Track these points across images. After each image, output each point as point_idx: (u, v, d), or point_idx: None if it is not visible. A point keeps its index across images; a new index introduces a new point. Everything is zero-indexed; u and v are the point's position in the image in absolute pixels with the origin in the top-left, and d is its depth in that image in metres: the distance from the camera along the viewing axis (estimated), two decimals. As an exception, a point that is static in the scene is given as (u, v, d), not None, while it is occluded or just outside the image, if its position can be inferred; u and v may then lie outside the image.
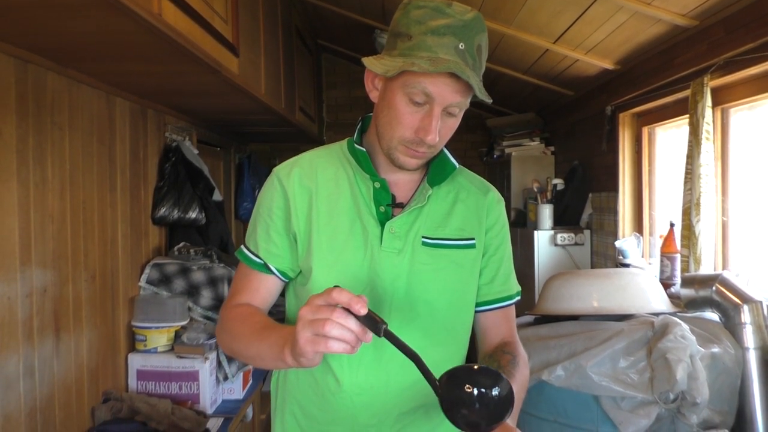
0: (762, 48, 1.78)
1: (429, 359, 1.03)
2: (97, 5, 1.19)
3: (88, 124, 1.96)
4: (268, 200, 1.15)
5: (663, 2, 2.00)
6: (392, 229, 1.09)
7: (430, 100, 1.00)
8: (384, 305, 1.08)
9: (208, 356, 2.22)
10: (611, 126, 3.01)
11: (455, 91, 1.00)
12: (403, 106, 1.02)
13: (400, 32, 1.02)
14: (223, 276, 2.40)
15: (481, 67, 1.04)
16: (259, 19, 2.45)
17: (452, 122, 1.05)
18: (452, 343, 1.15)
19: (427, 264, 1.10)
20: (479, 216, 1.17)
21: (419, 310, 1.09)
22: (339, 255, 1.09)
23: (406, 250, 1.09)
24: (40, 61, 1.65)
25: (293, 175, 1.14)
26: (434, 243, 1.10)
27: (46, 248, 1.72)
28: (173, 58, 1.65)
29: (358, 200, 1.12)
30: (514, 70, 3.41)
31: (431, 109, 1.01)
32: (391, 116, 1.04)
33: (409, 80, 1.00)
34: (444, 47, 0.98)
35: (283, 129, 3.59)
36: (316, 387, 1.12)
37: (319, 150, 1.20)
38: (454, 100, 1.00)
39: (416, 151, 1.05)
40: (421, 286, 1.09)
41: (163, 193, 2.49)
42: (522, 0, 2.38)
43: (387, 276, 1.09)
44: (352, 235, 1.10)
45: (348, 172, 1.14)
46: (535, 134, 4.14)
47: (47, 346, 1.73)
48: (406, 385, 1.08)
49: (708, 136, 2.06)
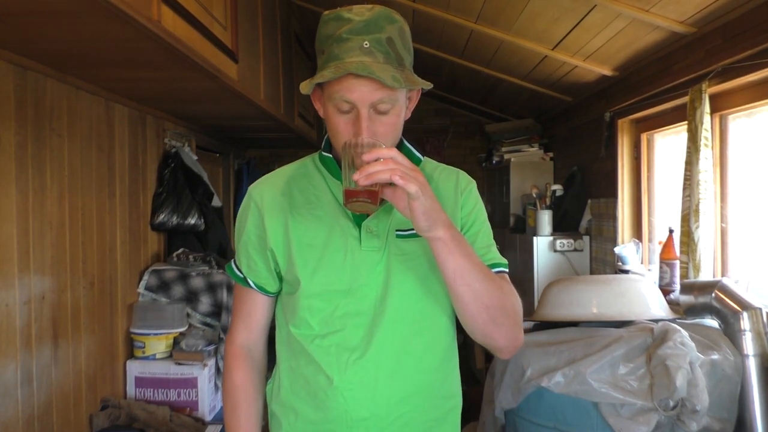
0: (760, 55, 1.79)
1: (413, 349, 1.12)
2: (96, 12, 1.19)
3: (87, 131, 1.96)
4: (243, 219, 1.22)
5: (661, 9, 2.00)
6: (369, 228, 1.12)
7: (353, 105, 1.04)
8: (366, 302, 1.12)
9: (206, 363, 2.21)
10: (610, 132, 3.02)
11: (372, 89, 1.02)
12: (335, 117, 1.07)
13: (318, 50, 1.10)
14: (222, 282, 2.39)
15: (399, 57, 1.06)
16: (258, 25, 2.45)
17: (388, 120, 1.07)
18: (434, 331, 1.16)
19: (403, 255, 1.13)
20: (451, 199, 1.18)
21: (399, 301, 1.12)
22: (320, 261, 1.13)
23: (385, 247, 1.13)
24: (40, 67, 1.66)
25: (266, 193, 1.20)
26: (407, 234, 1.13)
27: (44, 255, 1.72)
28: (172, 64, 1.65)
29: (333, 206, 1.15)
30: (512, 76, 3.42)
31: (357, 112, 1.04)
32: (331, 128, 1.10)
33: (330, 92, 1.06)
34: (348, 51, 1.02)
35: (282, 134, 3.59)
36: (308, 388, 1.15)
37: (291, 164, 1.26)
38: (374, 98, 1.03)
39: None
40: (399, 277, 1.12)
41: (162, 199, 2.48)
42: (521, 7, 2.39)
43: (368, 274, 1.12)
44: (331, 239, 1.13)
45: (321, 180, 1.19)
46: (534, 140, 4.14)
47: (45, 353, 1.72)
48: (394, 375, 1.11)
49: (706, 143, 2.06)
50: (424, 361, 1.14)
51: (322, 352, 1.12)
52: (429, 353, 1.14)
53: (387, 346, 1.11)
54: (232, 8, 1.99)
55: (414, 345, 1.12)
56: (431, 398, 1.16)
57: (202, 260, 2.48)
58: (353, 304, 1.12)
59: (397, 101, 1.07)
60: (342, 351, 1.11)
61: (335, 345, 1.12)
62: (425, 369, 1.14)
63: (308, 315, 1.14)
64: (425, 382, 1.14)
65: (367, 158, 0.95)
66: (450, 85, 4.34)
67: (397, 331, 1.11)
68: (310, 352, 1.13)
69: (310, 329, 1.14)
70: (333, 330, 1.12)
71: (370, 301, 1.12)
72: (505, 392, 1.93)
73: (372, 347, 1.10)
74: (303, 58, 3.68)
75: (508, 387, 1.92)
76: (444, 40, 3.20)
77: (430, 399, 1.16)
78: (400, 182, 0.93)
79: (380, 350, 1.10)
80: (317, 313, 1.13)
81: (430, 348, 1.15)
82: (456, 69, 3.70)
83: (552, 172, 4.05)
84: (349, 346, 1.11)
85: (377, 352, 1.11)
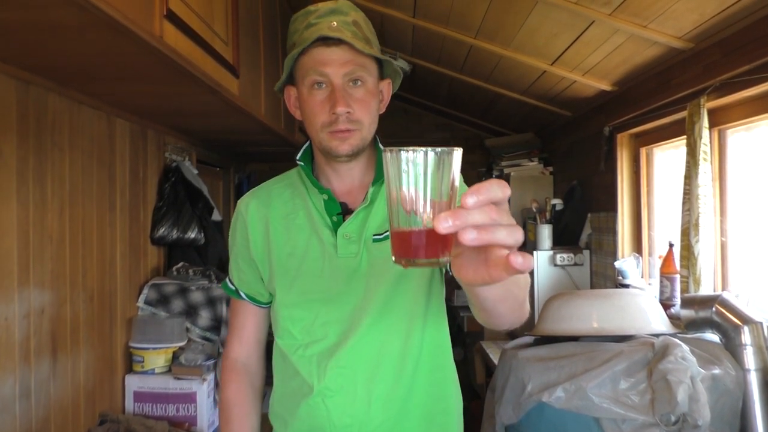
0: (758, 70, 1.80)
1: (390, 351, 1.12)
2: (100, 27, 1.20)
3: (88, 144, 1.96)
4: (233, 231, 1.26)
5: (659, 25, 2.02)
6: (346, 235, 1.13)
7: (327, 77, 1.07)
8: (346, 309, 1.12)
9: (205, 377, 2.20)
10: (609, 146, 3.02)
11: (343, 59, 1.06)
12: (311, 96, 1.09)
13: (288, 48, 1.13)
14: (222, 296, 2.39)
15: (366, 37, 1.10)
16: (259, 40, 2.47)
17: (362, 92, 1.09)
18: (413, 332, 1.15)
19: (380, 259, 1.12)
20: None
21: (375, 306, 1.11)
22: (298, 271, 1.15)
23: (361, 252, 1.12)
24: (42, 81, 1.67)
25: (250, 205, 1.24)
26: (383, 237, 1.13)
27: (44, 268, 1.72)
28: (174, 79, 1.66)
29: (312, 215, 1.17)
30: (512, 90, 3.44)
31: (331, 83, 1.07)
32: (307, 112, 1.12)
33: (302, 72, 1.09)
34: (316, 32, 1.06)
35: (283, 149, 3.60)
36: (294, 398, 1.16)
37: (277, 177, 1.30)
38: (347, 67, 1.06)
39: (339, 131, 1.09)
40: (375, 282, 1.12)
41: (163, 213, 2.49)
42: (519, 22, 2.41)
43: (346, 281, 1.12)
44: (309, 249, 1.15)
45: (302, 191, 1.21)
46: (534, 154, 4.15)
47: (44, 367, 1.72)
48: (373, 379, 1.11)
49: (705, 157, 2.07)
50: (404, 362, 1.13)
51: (305, 362, 1.13)
52: (408, 355, 1.14)
53: (364, 351, 1.11)
54: (234, 24, 2.01)
55: (391, 347, 1.12)
56: (416, 400, 1.15)
57: (202, 274, 2.47)
58: (333, 312, 1.13)
59: (370, 75, 1.10)
60: (322, 359, 1.12)
61: (317, 354, 1.13)
62: (406, 371, 1.13)
63: (290, 324, 1.16)
64: (407, 384, 1.13)
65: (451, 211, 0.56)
66: (450, 100, 4.36)
67: (373, 335, 1.11)
68: (294, 362, 1.15)
69: (292, 339, 1.16)
70: (315, 339, 1.13)
71: (349, 308, 1.12)
72: (505, 407, 1.91)
73: (348, 352, 1.11)
74: (303, 73, 3.70)
75: (509, 402, 1.91)
76: (444, 55, 3.23)
77: (415, 401, 1.15)
78: (520, 265, 0.54)
79: (357, 355, 1.11)
80: (298, 322, 1.15)
81: (409, 349, 1.14)
82: (456, 84, 3.72)
83: (552, 186, 4.06)
84: (328, 353, 1.12)
85: (354, 357, 1.11)
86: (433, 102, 4.63)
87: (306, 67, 1.08)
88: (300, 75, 1.11)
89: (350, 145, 1.11)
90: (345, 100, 1.07)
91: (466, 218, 0.53)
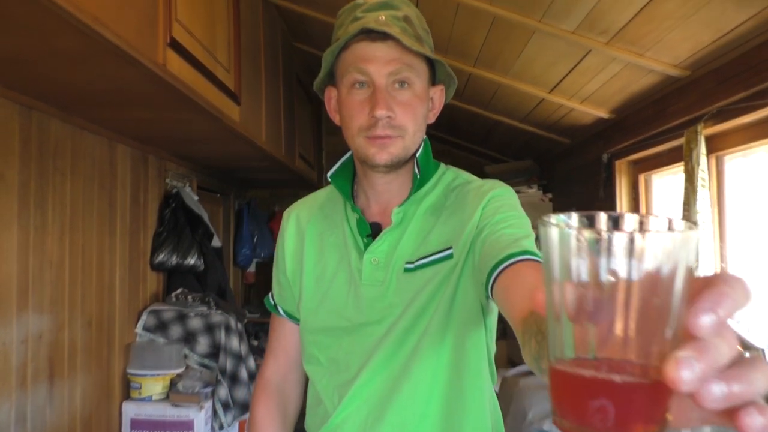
0: (753, 97, 1.82)
1: (404, 384, 0.97)
2: (105, 56, 1.22)
3: (89, 170, 1.98)
4: (277, 244, 1.17)
5: (655, 54, 2.05)
6: (374, 260, 1.00)
7: (369, 76, 0.95)
8: (370, 340, 1.00)
9: (203, 405, 2.18)
10: (608, 173, 3.04)
11: (389, 56, 0.94)
12: (351, 95, 0.97)
13: (332, 42, 1.01)
14: (221, 323, 2.38)
15: (417, 35, 0.97)
16: (261, 68, 2.50)
17: (408, 95, 0.96)
18: (432, 365, 0.99)
19: (410, 292, 0.98)
20: (469, 214, 0.98)
21: (393, 339, 0.98)
22: (324, 296, 1.05)
23: (389, 281, 0.99)
24: (45, 107, 1.68)
25: (292, 218, 1.15)
26: (415, 266, 0.98)
27: (43, 293, 1.71)
28: (176, 105, 1.68)
29: (346, 234, 1.06)
30: (511, 118, 3.47)
31: (373, 83, 0.95)
32: (345, 114, 1.00)
33: (343, 69, 0.97)
34: (361, 25, 0.94)
35: (283, 175, 3.62)
36: (317, 424, 1.08)
37: (326, 187, 1.17)
38: (392, 66, 0.94)
39: (377, 136, 0.96)
40: (403, 315, 0.98)
41: (162, 239, 2.49)
42: (517, 51, 2.44)
43: (372, 313, 1.00)
44: (339, 272, 1.05)
45: (341, 206, 1.10)
46: (533, 181, 4.17)
47: (41, 393, 1.70)
48: (385, 409, 1.00)
49: (704, 183, 2.08)
50: (417, 394, 0.99)
51: (329, 392, 1.05)
52: (424, 385, 0.99)
53: (375, 389, 1.00)
54: (236, 52, 2.04)
55: (406, 380, 0.98)
56: None
57: (201, 301, 2.47)
58: (357, 343, 1.02)
59: (418, 77, 0.97)
60: (343, 390, 1.03)
61: (339, 385, 1.04)
62: (419, 401, 0.99)
63: (316, 350, 1.07)
64: (420, 413, 0.99)
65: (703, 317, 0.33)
66: (450, 127, 4.39)
67: (387, 366, 0.99)
68: (319, 390, 1.07)
69: (319, 365, 1.07)
70: (339, 369, 1.04)
71: (371, 341, 1.01)
72: (506, 435, 1.89)
73: (361, 388, 1.01)
74: (304, 100, 3.74)
75: (510, 430, 1.89)
76: (443, 83, 3.26)
77: None
78: None
79: (369, 392, 1.00)
80: (325, 349, 1.06)
81: (425, 381, 0.99)
82: (455, 111, 3.76)
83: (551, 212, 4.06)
84: (347, 384, 1.03)
85: (366, 394, 1.01)
86: (433, 129, 4.66)
87: (346, 64, 0.96)
88: (340, 73, 0.99)
89: (390, 153, 0.97)
90: (386, 102, 0.94)
91: (714, 359, 0.31)
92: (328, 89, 1.06)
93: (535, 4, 1.99)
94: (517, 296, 0.74)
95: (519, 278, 0.77)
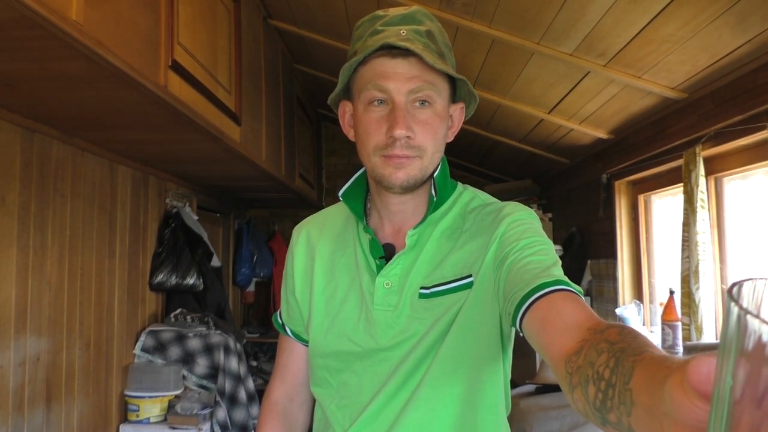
0: (751, 120, 1.83)
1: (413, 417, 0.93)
2: (107, 78, 1.22)
3: (90, 191, 1.98)
4: (286, 262, 1.14)
5: (652, 76, 2.06)
6: (387, 283, 0.97)
7: (388, 93, 0.90)
8: (382, 366, 0.96)
9: (201, 427, 2.16)
10: (607, 193, 3.05)
11: (410, 73, 0.90)
12: (368, 113, 0.93)
13: (349, 56, 0.98)
14: (219, 343, 2.36)
15: (440, 51, 0.94)
16: (261, 89, 2.52)
17: (428, 114, 0.92)
18: (445, 395, 0.95)
19: (426, 320, 0.93)
20: (488, 239, 0.94)
21: (405, 368, 0.94)
22: (335, 319, 1.01)
23: (402, 306, 0.95)
24: (46, 130, 1.69)
25: (302, 235, 1.11)
26: (431, 293, 0.95)
27: (41, 315, 1.70)
28: (177, 127, 1.69)
29: (358, 255, 1.02)
30: (510, 138, 3.49)
31: (392, 100, 0.91)
32: (361, 132, 0.95)
33: (360, 85, 0.93)
34: (382, 39, 0.89)
35: (283, 195, 3.63)
36: None
37: (337, 204, 1.13)
38: (413, 83, 0.90)
39: (395, 156, 0.92)
40: (414, 343, 0.94)
41: (162, 259, 2.48)
42: (516, 72, 2.46)
43: (385, 339, 0.95)
44: (350, 294, 1.01)
45: (353, 225, 1.06)
46: (533, 200, 4.18)
47: (37, 416, 1.69)
48: None
49: (703, 205, 2.08)
50: (427, 424, 0.95)
51: (339, 417, 1.01)
52: (435, 415, 0.95)
53: (389, 408, 0.96)
54: (237, 73, 2.05)
55: (416, 409, 0.95)
56: None
57: (200, 321, 2.46)
58: (370, 368, 0.97)
59: (440, 95, 0.93)
60: (353, 416, 0.99)
61: (349, 409, 1.00)
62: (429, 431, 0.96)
63: (327, 374, 1.03)
64: None
65: None
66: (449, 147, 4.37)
67: (400, 393, 0.95)
68: (329, 415, 1.03)
69: (329, 387, 1.03)
70: (350, 393, 1.00)
71: (387, 366, 0.96)
72: (507, 459, 1.87)
73: (370, 417, 0.97)
74: (304, 120, 3.76)
75: (511, 453, 1.87)
76: (442, 103, 3.28)
77: None
78: None
79: (377, 421, 0.97)
80: (336, 373, 1.02)
81: (437, 410, 0.95)
82: (454, 131, 3.77)
83: (551, 232, 4.07)
84: (357, 412, 0.99)
85: (373, 423, 0.98)
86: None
87: (365, 80, 0.92)
88: (357, 88, 0.94)
89: (407, 174, 0.93)
90: (406, 121, 0.90)
91: None
92: (342, 103, 1.02)
93: (533, 26, 2.01)
94: (555, 331, 0.70)
95: (555, 311, 0.74)
